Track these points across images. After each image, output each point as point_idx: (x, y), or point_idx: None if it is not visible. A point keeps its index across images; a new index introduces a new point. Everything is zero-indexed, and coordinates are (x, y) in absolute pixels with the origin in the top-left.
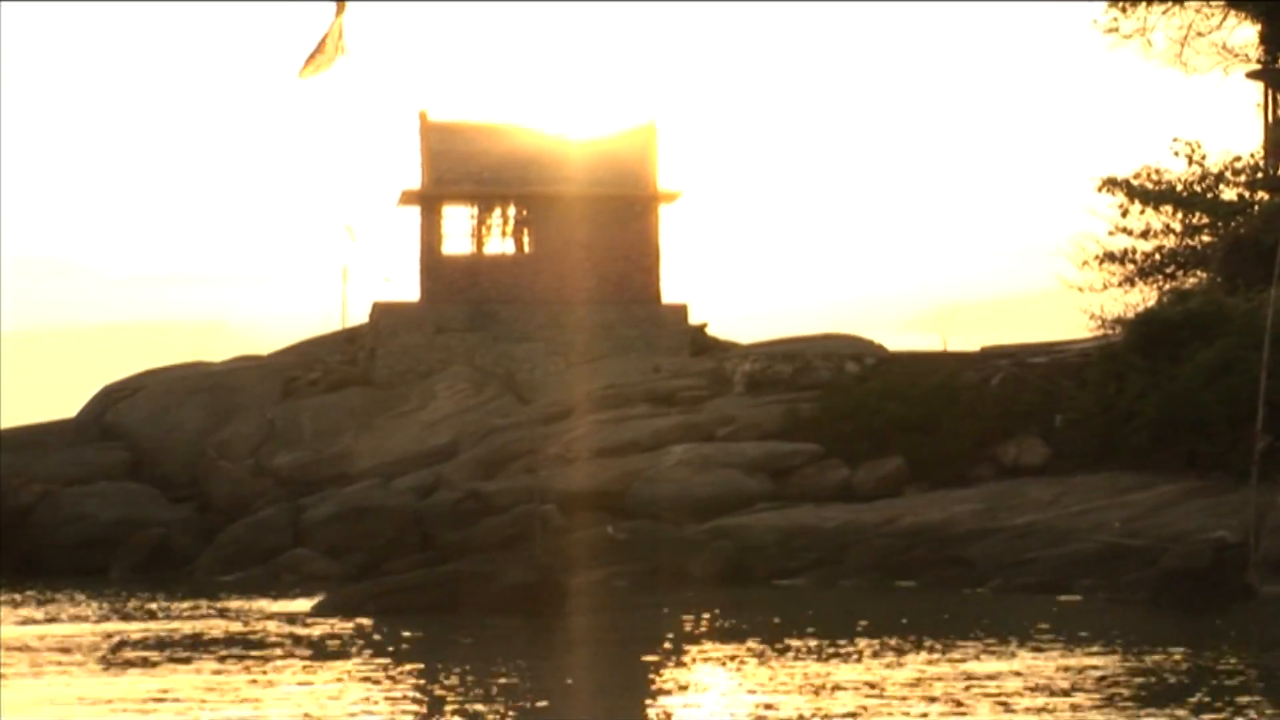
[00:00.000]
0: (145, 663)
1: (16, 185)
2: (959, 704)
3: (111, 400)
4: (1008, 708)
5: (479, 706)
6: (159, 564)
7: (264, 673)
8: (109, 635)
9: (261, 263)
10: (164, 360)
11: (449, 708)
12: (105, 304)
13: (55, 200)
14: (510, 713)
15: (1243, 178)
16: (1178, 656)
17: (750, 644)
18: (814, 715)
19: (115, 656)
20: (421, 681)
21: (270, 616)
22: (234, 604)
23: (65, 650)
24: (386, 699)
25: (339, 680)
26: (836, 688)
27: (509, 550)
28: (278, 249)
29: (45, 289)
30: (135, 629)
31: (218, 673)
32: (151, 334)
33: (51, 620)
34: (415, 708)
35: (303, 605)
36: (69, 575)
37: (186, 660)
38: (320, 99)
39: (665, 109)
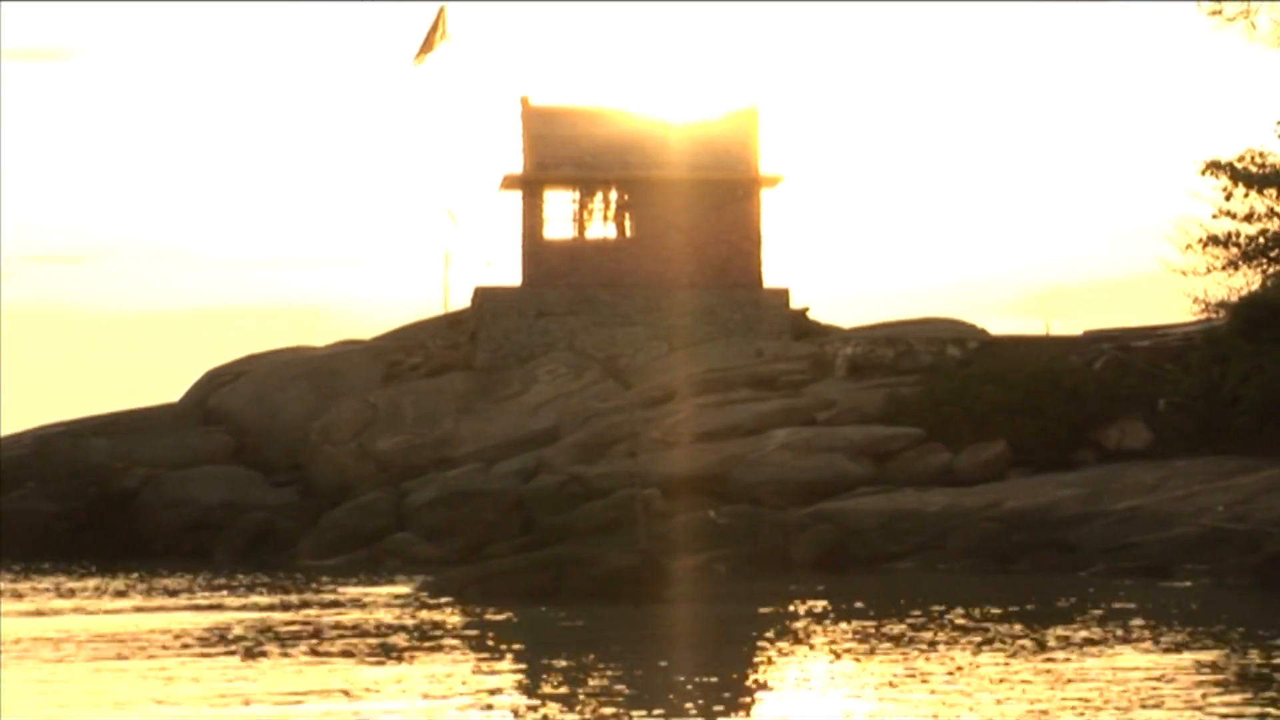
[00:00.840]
0: (279, 654)
1: (120, 170)
2: (1095, 701)
3: (215, 384)
4: (1151, 704)
5: (581, 694)
6: (262, 548)
7: (378, 661)
8: (224, 625)
9: (364, 247)
10: (267, 344)
11: (551, 695)
12: (209, 288)
13: (159, 184)
14: (612, 701)
15: None
16: None
17: (857, 631)
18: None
19: (246, 647)
20: (523, 667)
21: (373, 602)
22: (342, 592)
23: (202, 640)
24: (490, 687)
25: (443, 667)
26: (963, 678)
27: (610, 534)
28: (380, 233)
29: (149, 273)
30: (252, 618)
31: (324, 662)
32: (254, 318)
33: (164, 609)
34: (518, 694)
35: (404, 590)
36: (172, 559)
37: (310, 650)
38: (424, 84)
39: (767, 92)
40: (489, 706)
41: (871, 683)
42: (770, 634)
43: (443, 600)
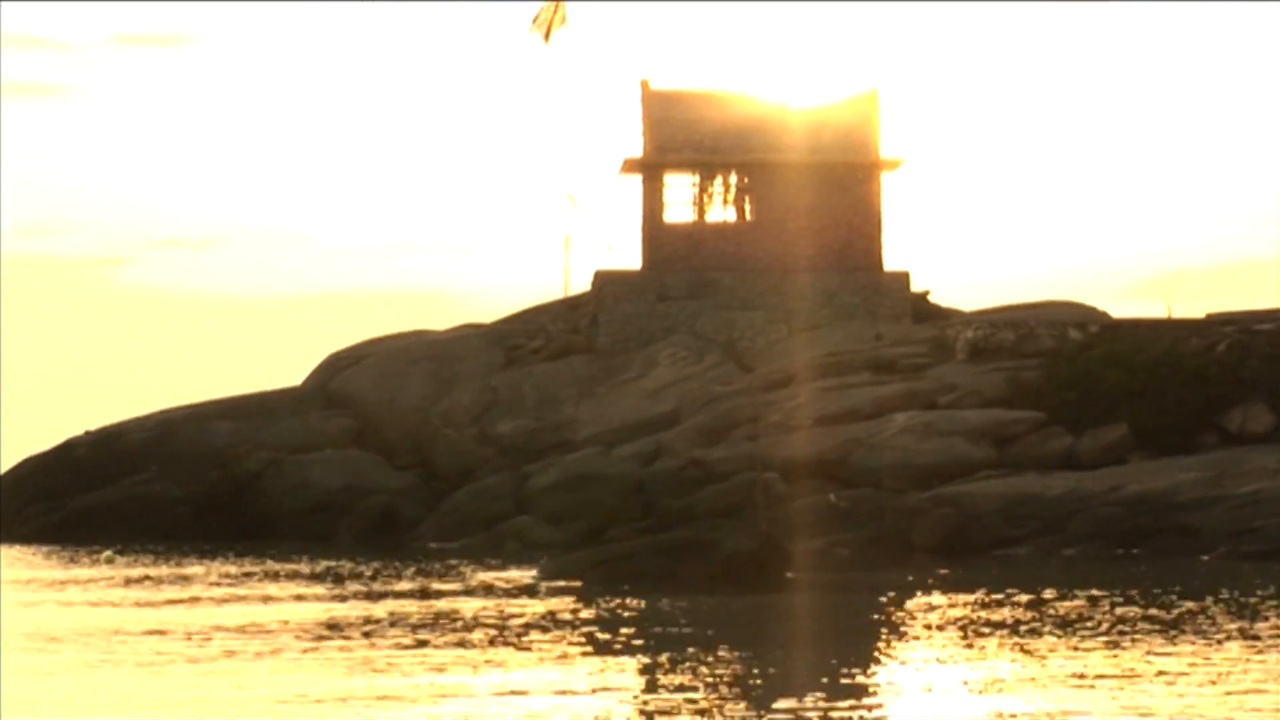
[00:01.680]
0: (414, 644)
1: (243, 155)
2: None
3: (336, 368)
4: None
5: (702, 680)
6: (383, 531)
7: (511, 647)
8: (360, 616)
9: (484, 231)
10: (388, 328)
11: (672, 679)
12: (331, 272)
13: (281, 170)
14: (735, 689)
15: None
16: None
17: (981, 621)
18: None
19: (378, 638)
20: (645, 652)
21: (497, 588)
22: (465, 576)
23: (333, 628)
24: (612, 671)
25: (566, 652)
26: (1097, 676)
27: (730, 518)
28: (501, 218)
29: (272, 257)
30: (389, 608)
31: (460, 657)
32: (376, 302)
33: (300, 597)
34: (639, 679)
35: (525, 574)
36: (294, 541)
37: (444, 640)
38: (543, 69)
39: (888, 76)
40: (616, 699)
41: (1018, 677)
42: (899, 621)
43: (560, 583)
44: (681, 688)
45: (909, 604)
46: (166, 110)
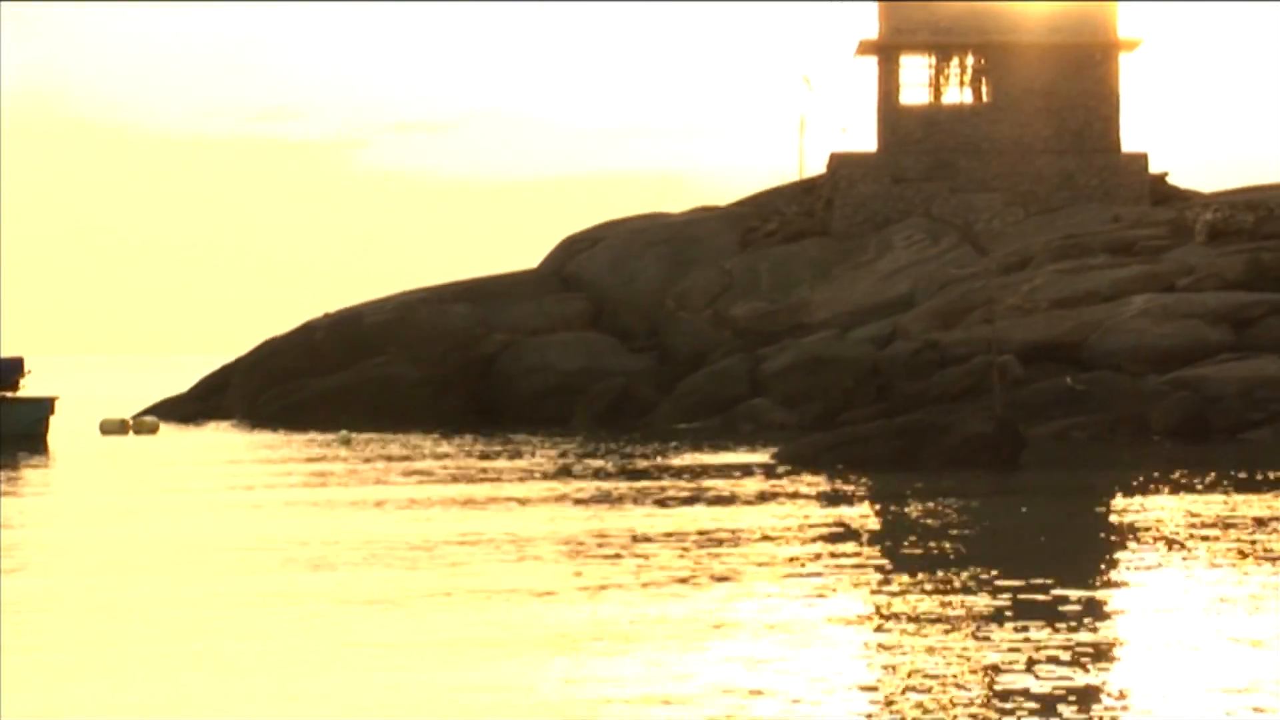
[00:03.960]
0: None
1: (481, 38)
2: None
3: (572, 251)
4: None
5: (937, 562)
6: (619, 413)
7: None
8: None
9: (720, 114)
10: (624, 211)
11: (908, 561)
12: (568, 156)
13: (520, 53)
14: (967, 571)
15: None
16: None
17: (1222, 516)
18: None
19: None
20: (882, 536)
21: (730, 467)
22: (701, 457)
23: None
24: (837, 554)
25: (797, 530)
26: None
27: (966, 401)
28: (736, 100)
29: (509, 141)
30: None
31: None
32: (612, 185)
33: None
34: (877, 561)
35: (761, 456)
36: (530, 424)
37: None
38: None
39: None
40: (859, 600)
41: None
42: (1134, 507)
43: (795, 466)
44: (913, 567)
45: (1149, 493)
46: None
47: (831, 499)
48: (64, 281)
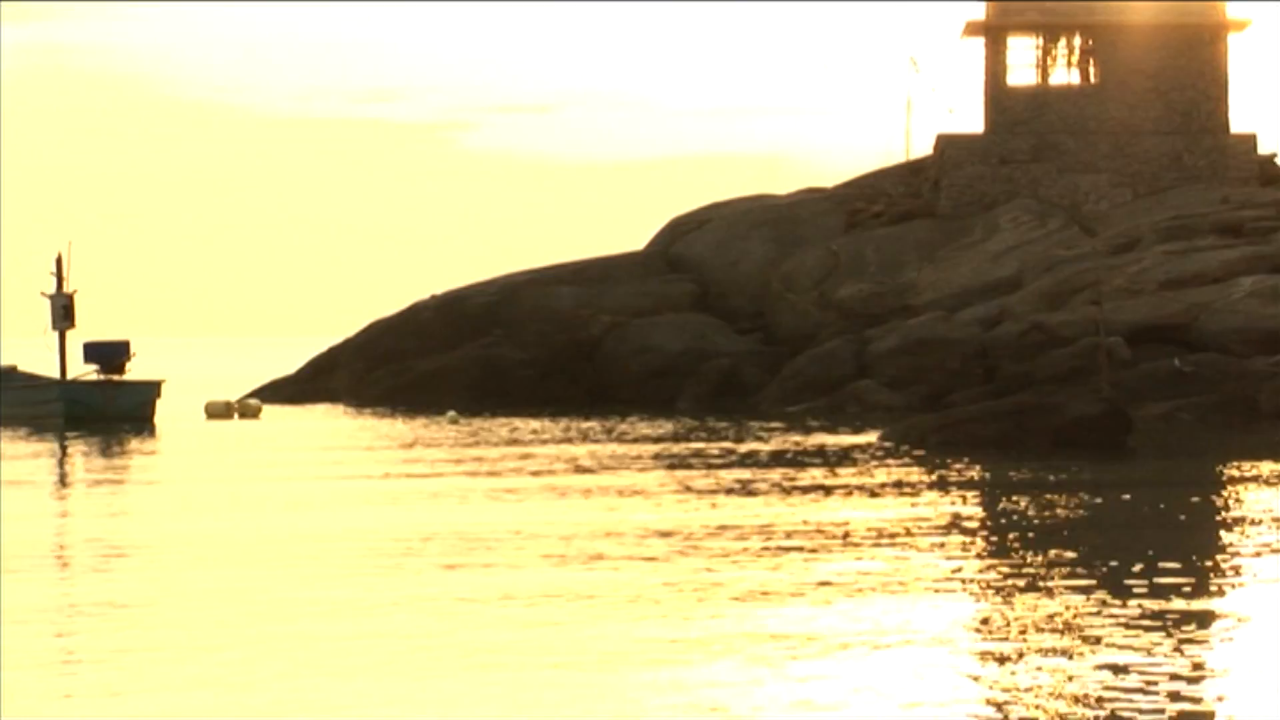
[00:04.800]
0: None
1: (585, 19)
2: None
3: (678, 232)
4: None
5: (1048, 544)
6: (725, 394)
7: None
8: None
9: (826, 95)
10: (730, 192)
11: (1016, 544)
12: (673, 137)
13: (623, 34)
14: (1080, 557)
15: None
16: None
17: None
18: None
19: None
20: (989, 519)
21: (837, 449)
22: (811, 438)
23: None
24: (954, 536)
25: (910, 513)
26: None
27: (1073, 382)
28: (842, 81)
29: (615, 122)
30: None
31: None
32: (717, 166)
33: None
34: (983, 544)
35: (868, 438)
36: (635, 405)
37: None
38: None
39: None
40: (973, 588)
41: None
42: (1247, 489)
43: (901, 448)
44: (1021, 548)
45: (1260, 479)
46: None
47: (940, 486)
48: (172, 263)
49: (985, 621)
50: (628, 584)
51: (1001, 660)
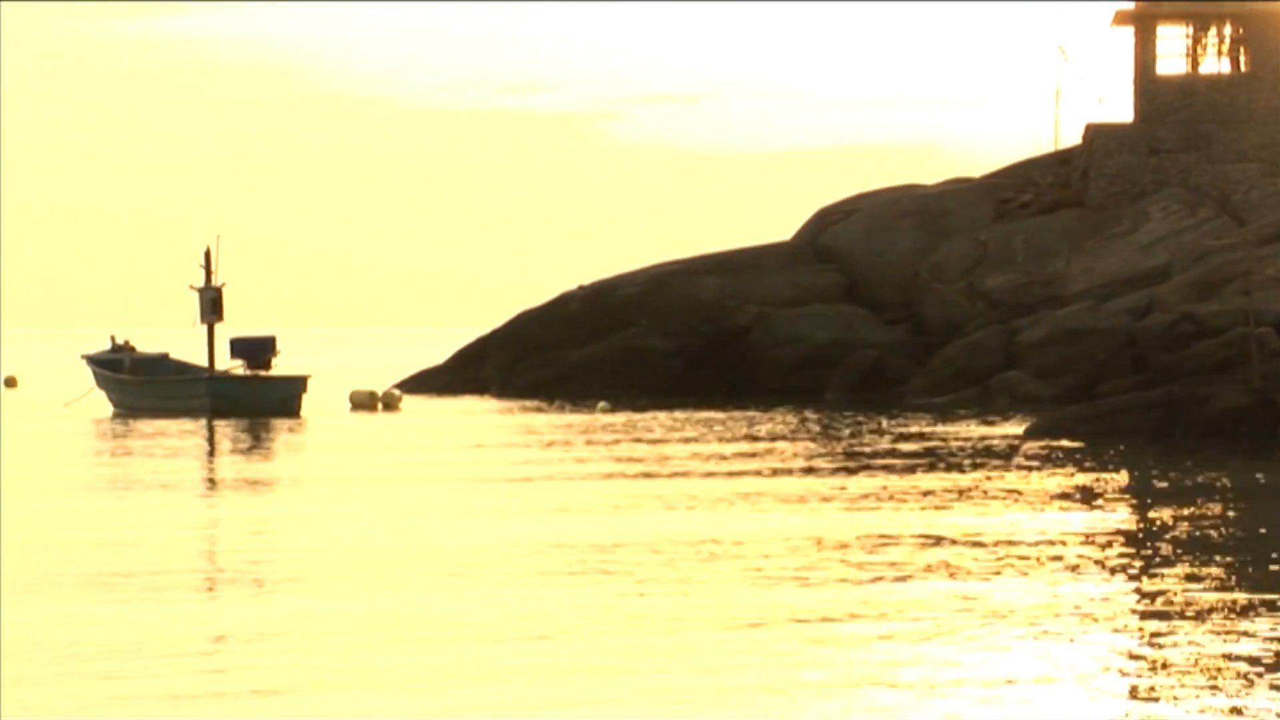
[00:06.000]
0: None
1: (734, 9)
2: None
3: (826, 223)
4: None
5: (1197, 535)
6: (872, 385)
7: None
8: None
9: (974, 84)
10: (877, 183)
11: (1167, 535)
12: (821, 127)
13: (772, 23)
14: (1228, 547)
15: None
16: None
17: None
18: None
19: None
20: (1138, 507)
21: (983, 440)
22: (950, 428)
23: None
24: (1102, 527)
25: (1058, 504)
26: None
27: (1223, 373)
28: (990, 70)
29: (762, 112)
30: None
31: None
32: (865, 156)
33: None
34: (1132, 530)
35: (1014, 429)
36: (782, 395)
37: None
38: None
39: None
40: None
41: None
42: None
43: (1050, 438)
44: (1171, 537)
45: None
46: None
47: (1086, 468)
48: (321, 255)
49: (1144, 658)
50: (848, 602)
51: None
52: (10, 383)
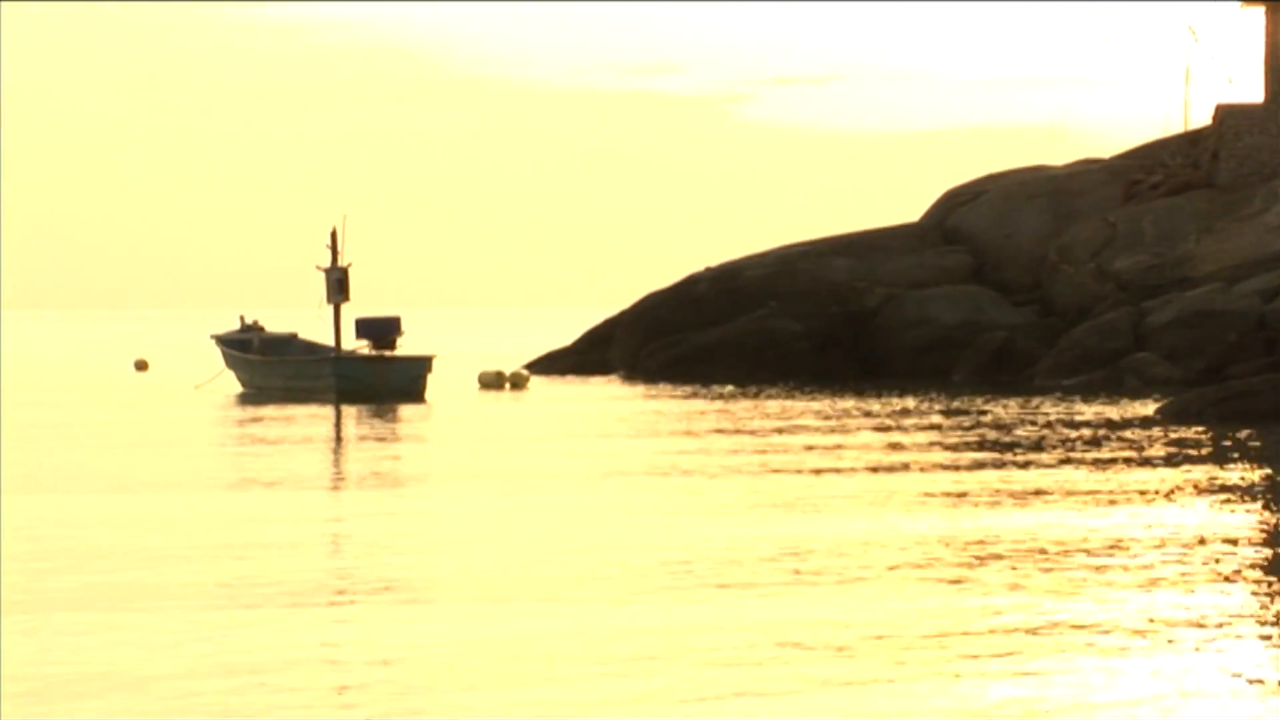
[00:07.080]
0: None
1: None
2: None
3: (954, 204)
4: None
5: None
6: (1000, 367)
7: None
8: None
9: (1103, 65)
10: (1006, 164)
11: None
12: (949, 108)
13: (902, 4)
14: None
15: None
16: None
17: None
18: None
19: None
20: (1269, 491)
21: (1112, 421)
22: (1079, 409)
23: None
24: (1232, 509)
25: (1190, 489)
26: None
27: None
28: (1120, 51)
29: (892, 93)
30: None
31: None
32: (994, 137)
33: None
34: (1266, 516)
35: (1145, 410)
36: (910, 378)
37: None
38: None
39: None
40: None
41: None
42: None
43: (1180, 421)
44: None
45: None
46: None
47: (1215, 452)
48: (449, 236)
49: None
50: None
51: None
52: (141, 366)
